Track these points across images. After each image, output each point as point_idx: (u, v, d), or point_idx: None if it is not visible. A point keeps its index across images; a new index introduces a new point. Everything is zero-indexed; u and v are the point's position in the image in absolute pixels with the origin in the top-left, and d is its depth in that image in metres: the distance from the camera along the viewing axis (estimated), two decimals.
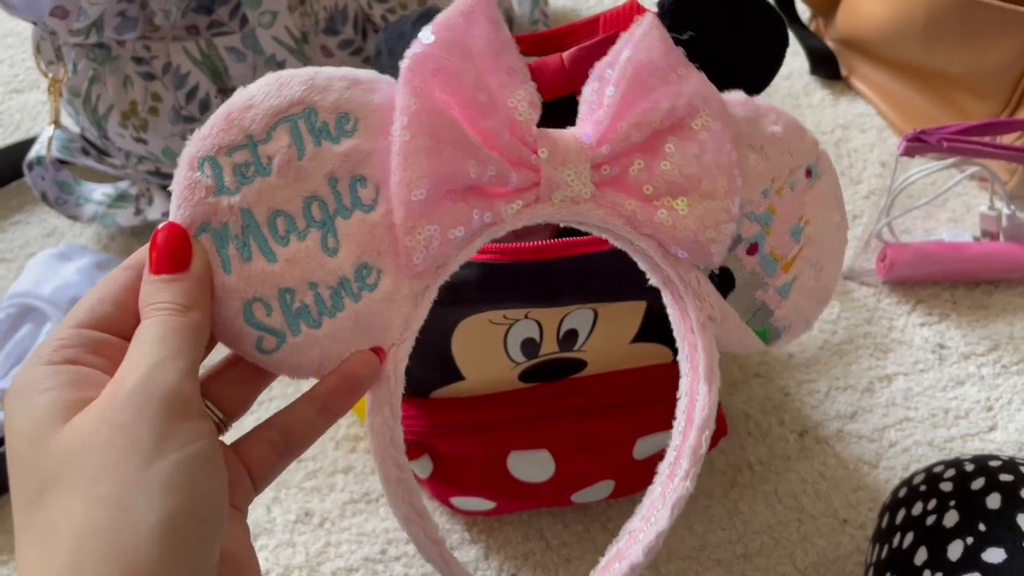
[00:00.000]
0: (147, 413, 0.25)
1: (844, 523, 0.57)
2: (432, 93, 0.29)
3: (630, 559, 0.33)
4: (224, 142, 0.29)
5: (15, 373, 0.62)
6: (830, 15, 0.85)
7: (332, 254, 0.29)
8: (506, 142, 0.30)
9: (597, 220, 0.32)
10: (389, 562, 0.56)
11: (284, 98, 0.29)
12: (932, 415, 0.62)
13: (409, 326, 0.31)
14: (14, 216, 0.76)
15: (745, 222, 0.34)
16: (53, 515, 0.24)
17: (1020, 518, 0.42)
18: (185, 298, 0.27)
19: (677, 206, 0.31)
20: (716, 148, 0.31)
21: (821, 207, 0.35)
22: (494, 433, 0.48)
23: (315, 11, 0.64)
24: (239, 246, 0.29)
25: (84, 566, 0.23)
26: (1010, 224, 0.67)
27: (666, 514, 0.33)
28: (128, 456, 0.24)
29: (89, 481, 0.24)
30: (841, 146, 0.79)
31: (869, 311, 0.68)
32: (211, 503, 0.25)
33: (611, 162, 0.31)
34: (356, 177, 0.29)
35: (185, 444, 0.25)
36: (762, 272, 0.34)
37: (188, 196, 0.29)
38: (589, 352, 0.47)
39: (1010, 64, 0.67)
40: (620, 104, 0.31)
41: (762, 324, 0.35)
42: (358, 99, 0.29)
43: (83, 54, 0.63)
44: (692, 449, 0.34)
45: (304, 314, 0.30)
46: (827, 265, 0.36)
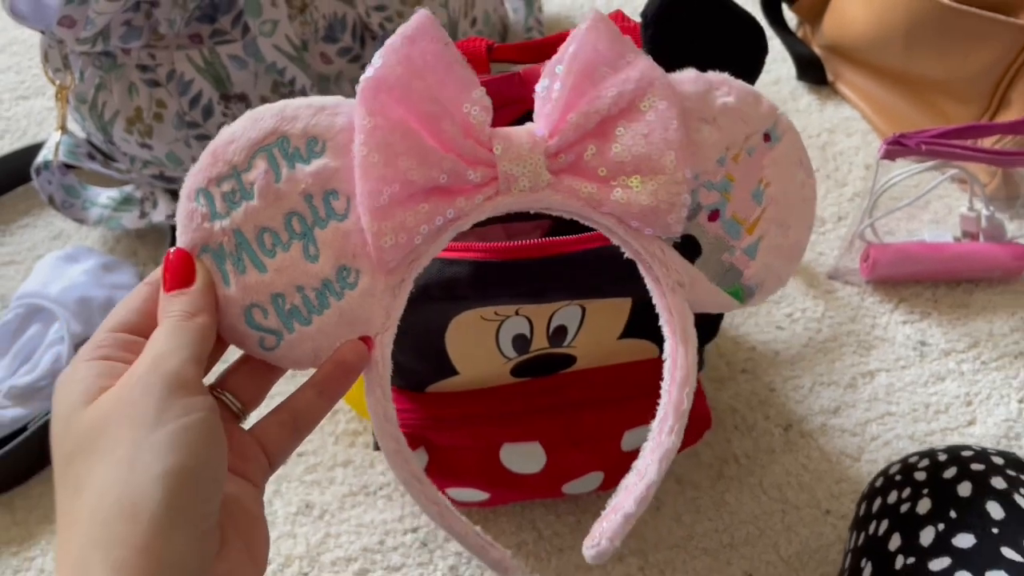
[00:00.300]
0: (153, 391, 0.30)
1: (827, 513, 0.59)
2: (387, 110, 0.32)
3: (623, 510, 0.35)
4: (212, 174, 0.34)
5: (24, 370, 0.64)
6: (816, 22, 0.87)
7: (314, 260, 0.34)
8: (462, 144, 0.33)
9: (556, 205, 0.34)
10: (387, 552, 0.58)
11: (259, 130, 0.34)
12: (913, 410, 0.64)
13: (390, 316, 0.35)
14: (22, 220, 0.78)
15: (703, 191, 0.36)
16: (79, 475, 0.29)
17: (990, 505, 0.44)
18: (191, 307, 0.33)
19: (631, 184, 0.34)
20: (663, 126, 0.33)
21: (782, 168, 0.37)
22: (487, 426, 0.50)
23: (315, 20, 0.66)
24: (234, 261, 0.34)
25: (102, 511, 0.28)
26: (989, 225, 0.69)
27: (655, 467, 0.35)
28: (136, 425, 0.29)
29: (106, 446, 0.29)
30: (827, 149, 0.81)
31: (853, 310, 0.70)
32: (206, 462, 0.30)
33: (565, 151, 0.34)
34: (328, 191, 0.33)
35: (183, 415, 0.30)
36: (726, 236, 0.36)
37: (188, 223, 0.34)
38: (578, 348, 0.49)
39: (988, 70, 0.69)
40: (569, 97, 0.33)
41: (733, 284, 0.37)
42: (324, 123, 0.34)
43: (89, 62, 0.65)
44: (675, 406, 0.36)
45: (296, 314, 0.34)
46: (794, 223, 0.37)
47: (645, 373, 0.51)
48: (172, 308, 0.32)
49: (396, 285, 0.34)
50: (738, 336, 0.68)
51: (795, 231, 0.38)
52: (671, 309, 0.36)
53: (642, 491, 0.36)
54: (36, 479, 0.62)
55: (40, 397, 0.64)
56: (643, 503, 0.36)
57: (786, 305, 0.70)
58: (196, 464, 0.29)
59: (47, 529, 0.60)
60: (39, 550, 0.59)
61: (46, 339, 0.66)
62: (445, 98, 0.33)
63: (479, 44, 0.45)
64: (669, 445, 0.36)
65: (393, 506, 0.60)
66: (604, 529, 0.36)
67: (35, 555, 0.59)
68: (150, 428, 0.29)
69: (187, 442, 0.29)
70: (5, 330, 0.66)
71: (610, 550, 0.35)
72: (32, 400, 0.64)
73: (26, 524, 0.60)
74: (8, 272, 0.74)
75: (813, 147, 0.81)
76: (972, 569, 0.42)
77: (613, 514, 0.36)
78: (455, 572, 0.57)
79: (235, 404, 0.35)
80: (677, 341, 0.36)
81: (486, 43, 0.45)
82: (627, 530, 0.36)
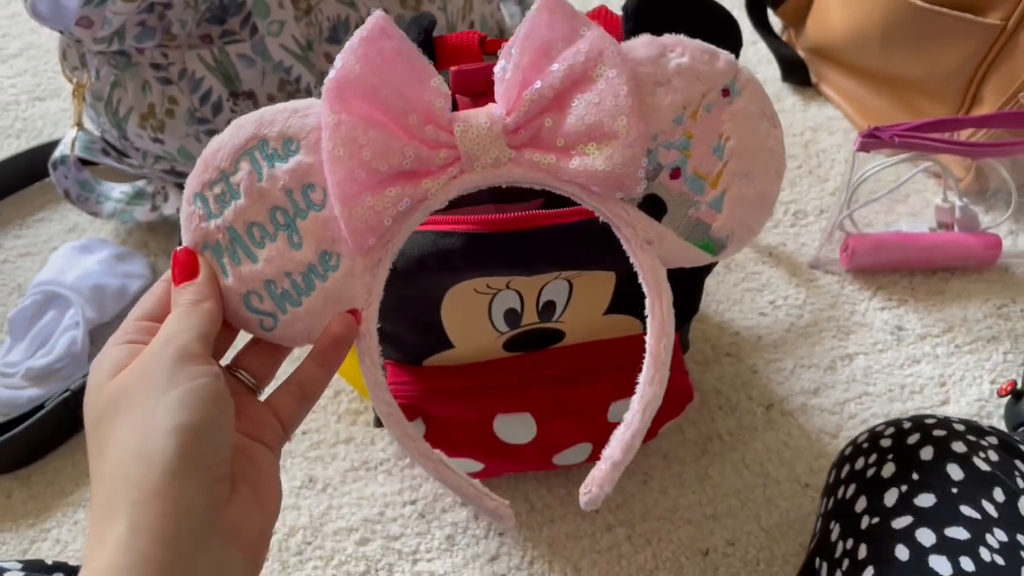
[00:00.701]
0: (164, 362, 0.34)
1: (806, 487, 0.62)
2: (349, 107, 0.35)
3: (612, 458, 0.38)
4: (205, 180, 0.38)
5: (41, 353, 0.67)
6: (800, 26, 0.91)
7: (298, 248, 0.37)
8: (424, 130, 0.36)
9: (520, 177, 0.37)
10: (386, 523, 0.61)
11: (241, 137, 0.37)
12: (889, 390, 0.67)
13: (372, 292, 0.38)
14: (38, 213, 0.81)
15: (662, 150, 0.38)
16: (105, 435, 0.34)
17: (950, 467, 0.47)
18: (197, 295, 0.37)
19: (589, 151, 0.36)
20: (613, 93, 0.36)
21: (743, 121, 0.38)
22: (481, 398, 0.53)
23: (319, 21, 0.70)
24: (230, 255, 0.38)
25: (123, 463, 0.33)
26: (963, 216, 0.73)
27: (639, 416, 0.38)
28: (150, 390, 0.34)
29: (126, 409, 0.34)
30: (810, 147, 0.84)
31: (833, 297, 0.73)
32: (212, 419, 0.34)
33: (524, 126, 0.36)
34: (306, 185, 0.37)
35: (190, 380, 0.34)
36: (690, 192, 0.38)
37: (188, 225, 0.38)
38: (566, 323, 0.52)
39: (961, 67, 0.73)
40: (524, 75, 0.36)
41: (703, 238, 0.39)
42: (297, 124, 0.37)
43: (105, 61, 0.69)
44: (654, 357, 0.38)
45: (287, 297, 0.38)
46: (758, 173, 0.39)
47: (629, 348, 0.54)
48: (181, 297, 0.37)
49: (374, 265, 0.38)
50: (723, 321, 0.71)
51: (760, 181, 0.39)
52: (642, 266, 0.38)
53: (628, 439, 0.38)
54: (52, 456, 0.65)
55: (56, 378, 0.67)
56: (629, 451, 0.38)
57: (769, 293, 0.73)
58: (203, 420, 0.33)
59: (62, 503, 0.63)
60: (55, 522, 0.62)
61: (62, 324, 0.69)
62: (404, 90, 0.36)
63: (472, 36, 0.49)
64: (651, 395, 0.38)
65: (392, 480, 0.63)
66: (595, 477, 0.38)
67: (51, 527, 0.62)
68: (162, 391, 0.33)
69: (195, 402, 0.33)
70: (23, 315, 0.69)
71: (601, 496, 0.38)
72: (48, 381, 0.67)
73: (43, 498, 0.63)
74: (25, 263, 0.77)
75: (797, 145, 0.84)
76: (932, 527, 0.44)
77: (603, 463, 0.39)
78: (451, 541, 0.60)
79: (250, 380, 0.39)
80: (652, 296, 0.38)
81: (479, 36, 0.49)
82: (616, 477, 0.38)
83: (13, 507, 0.63)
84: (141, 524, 0.31)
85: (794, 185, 0.81)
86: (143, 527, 0.31)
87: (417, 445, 0.39)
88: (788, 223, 0.78)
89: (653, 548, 0.59)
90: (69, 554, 0.60)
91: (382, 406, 0.38)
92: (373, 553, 0.59)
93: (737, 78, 0.38)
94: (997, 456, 0.48)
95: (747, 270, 0.75)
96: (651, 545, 0.59)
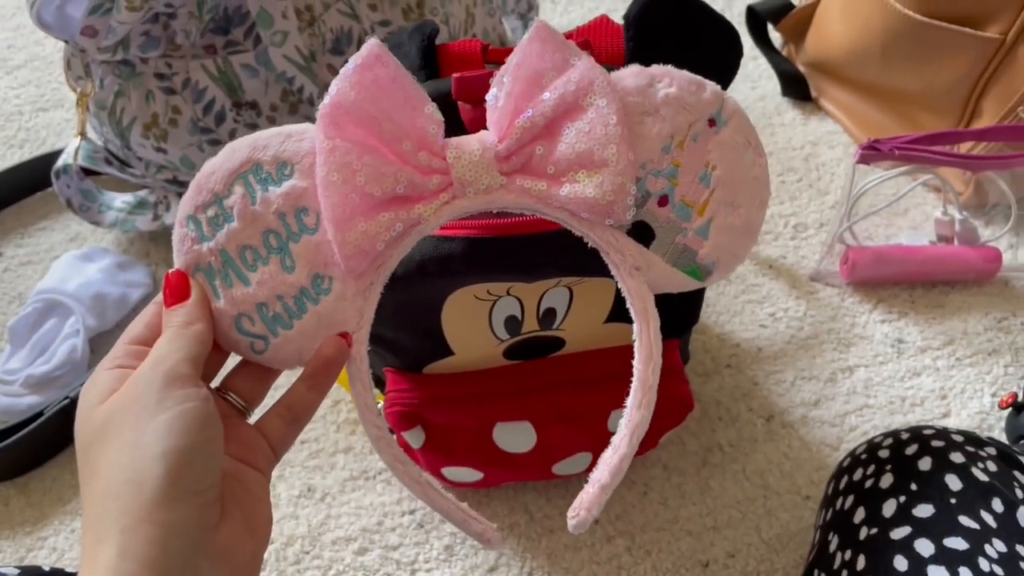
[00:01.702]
0: (152, 385, 0.34)
1: (806, 499, 0.62)
2: (343, 132, 0.36)
3: (600, 482, 0.38)
4: (198, 202, 0.38)
5: (41, 361, 0.67)
6: (800, 41, 0.91)
7: (290, 271, 0.37)
8: (417, 156, 0.36)
9: (511, 203, 0.38)
10: (385, 532, 0.60)
11: (235, 160, 0.37)
12: (890, 402, 0.67)
13: (364, 316, 0.38)
14: (40, 223, 0.82)
15: (651, 178, 0.38)
16: (95, 460, 0.34)
17: (948, 478, 0.47)
18: (187, 317, 0.37)
19: (579, 179, 0.36)
20: (603, 122, 0.36)
21: (728, 150, 0.39)
22: (481, 406, 0.53)
23: (322, 33, 0.70)
24: (223, 277, 0.38)
25: (113, 487, 0.33)
26: (963, 229, 0.73)
27: (627, 440, 0.38)
28: (139, 414, 0.34)
29: (115, 434, 0.34)
30: (810, 160, 0.85)
31: (833, 309, 0.73)
32: (201, 443, 0.34)
33: (515, 153, 0.37)
34: (299, 209, 0.37)
35: (180, 403, 0.34)
36: (678, 219, 0.39)
37: (181, 247, 0.38)
38: (567, 331, 0.52)
39: (960, 81, 0.73)
40: (516, 103, 0.37)
41: (690, 264, 0.39)
42: (291, 148, 0.37)
43: (109, 70, 0.69)
44: (641, 381, 0.39)
45: (278, 320, 0.38)
46: (744, 202, 0.39)
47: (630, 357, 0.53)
48: (172, 319, 0.37)
49: (366, 288, 0.38)
50: (723, 333, 0.71)
51: (745, 209, 0.40)
52: (630, 292, 0.39)
53: (616, 463, 0.38)
54: (50, 464, 0.65)
55: (56, 386, 0.67)
56: (617, 475, 0.38)
57: (769, 305, 0.73)
58: (192, 444, 0.33)
59: (60, 511, 0.63)
60: (52, 530, 0.62)
61: (62, 332, 0.69)
62: (398, 116, 0.36)
63: (474, 45, 0.49)
64: (639, 419, 0.38)
65: (391, 490, 0.62)
66: (583, 500, 0.38)
67: (48, 535, 0.61)
68: (151, 415, 0.33)
69: (183, 426, 0.33)
70: (24, 323, 0.69)
71: (588, 519, 0.38)
72: (48, 389, 0.67)
73: (40, 506, 0.63)
74: (27, 271, 0.77)
75: (797, 159, 0.85)
76: (931, 537, 0.44)
77: (591, 487, 0.39)
78: (450, 551, 0.60)
79: (239, 403, 0.39)
80: (639, 321, 0.39)
81: (481, 44, 0.49)
82: (603, 500, 0.38)
83: (11, 515, 0.63)
84: (130, 550, 0.31)
85: (794, 198, 0.81)
86: (132, 553, 0.31)
87: (407, 469, 0.39)
88: (788, 236, 0.78)
89: (653, 559, 0.59)
90: (66, 562, 0.60)
91: (372, 430, 0.39)
92: (371, 563, 0.59)
93: (723, 108, 0.39)
94: (996, 467, 0.48)
95: (747, 282, 0.75)
96: (651, 556, 0.59)
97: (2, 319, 0.74)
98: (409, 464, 0.39)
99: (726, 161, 0.39)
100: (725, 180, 0.39)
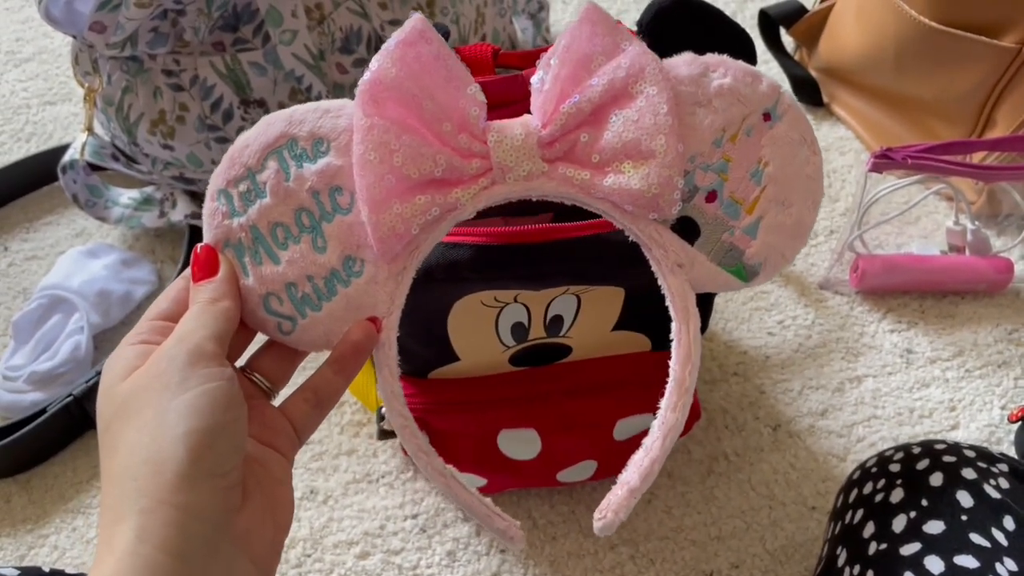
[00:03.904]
0: (176, 363, 0.33)
1: (812, 510, 0.61)
2: (382, 110, 0.35)
3: (629, 484, 0.37)
4: (231, 176, 0.37)
5: (44, 357, 0.67)
6: (812, 45, 0.90)
7: (321, 252, 0.36)
8: (457, 138, 0.35)
9: (551, 191, 0.36)
10: (387, 536, 0.60)
11: (270, 135, 0.36)
12: (898, 414, 0.66)
13: (395, 301, 0.37)
14: (46, 217, 0.81)
15: (699, 172, 0.37)
16: (114, 438, 0.33)
17: (960, 494, 0.46)
18: (214, 293, 0.36)
19: (624, 169, 0.35)
20: (652, 111, 0.35)
21: (783, 147, 0.37)
22: (486, 412, 0.53)
23: (332, 31, 0.69)
24: (252, 254, 0.37)
25: (132, 467, 0.32)
26: (975, 239, 0.72)
27: (659, 443, 0.37)
28: (161, 392, 0.32)
29: (136, 412, 0.33)
30: None
31: (842, 318, 0.72)
32: (224, 424, 0.33)
33: (559, 139, 0.36)
34: (333, 188, 0.36)
35: (204, 382, 0.33)
36: (725, 216, 0.37)
37: (211, 221, 0.37)
38: (574, 338, 0.52)
39: (975, 90, 0.72)
40: (563, 87, 0.35)
41: (735, 264, 0.38)
42: (328, 125, 0.36)
43: (117, 66, 0.69)
44: (678, 383, 0.37)
45: (307, 301, 0.37)
46: (796, 201, 0.38)
47: (637, 365, 0.53)
48: (199, 295, 0.36)
49: (399, 273, 0.37)
50: (730, 341, 0.71)
51: (797, 209, 0.38)
52: (671, 289, 0.37)
53: (647, 466, 0.37)
54: (53, 461, 0.65)
55: (59, 383, 0.67)
56: (648, 478, 0.37)
57: (777, 312, 0.72)
58: (215, 425, 0.32)
59: (62, 509, 0.62)
60: (53, 528, 0.61)
61: (66, 328, 0.69)
62: (440, 95, 0.35)
63: (485, 49, 0.48)
64: (673, 422, 0.38)
65: (394, 493, 0.62)
66: (610, 502, 0.38)
67: (49, 533, 0.61)
68: (173, 394, 0.32)
69: (207, 406, 0.32)
70: (28, 319, 0.69)
71: (616, 522, 0.37)
72: (51, 385, 0.66)
73: (42, 504, 0.63)
74: (31, 267, 0.77)
75: None
76: (941, 554, 0.44)
77: (619, 488, 0.38)
78: (453, 557, 0.59)
79: (264, 383, 0.39)
80: (679, 320, 0.37)
81: (492, 48, 0.49)
82: (632, 504, 0.37)
83: (12, 512, 0.62)
84: (148, 532, 0.30)
85: None
86: (150, 535, 0.30)
87: (430, 460, 0.38)
88: None
89: (656, 569, 0.58)
90: (67, 560, 0.60)
91: (397, 419, 0.38)
92: (373, 567, 0.59)
93: (779, 103, 0.38)
94: (1008, 484, 0.47)
95: (755, 289, 0.74)
96: (654, 566, 0.58)
97: (6, 314, 0.74)
98: (433, 455, 0.39)
99: (779, 157, 0.37)
100: (777, 177, 0.37)
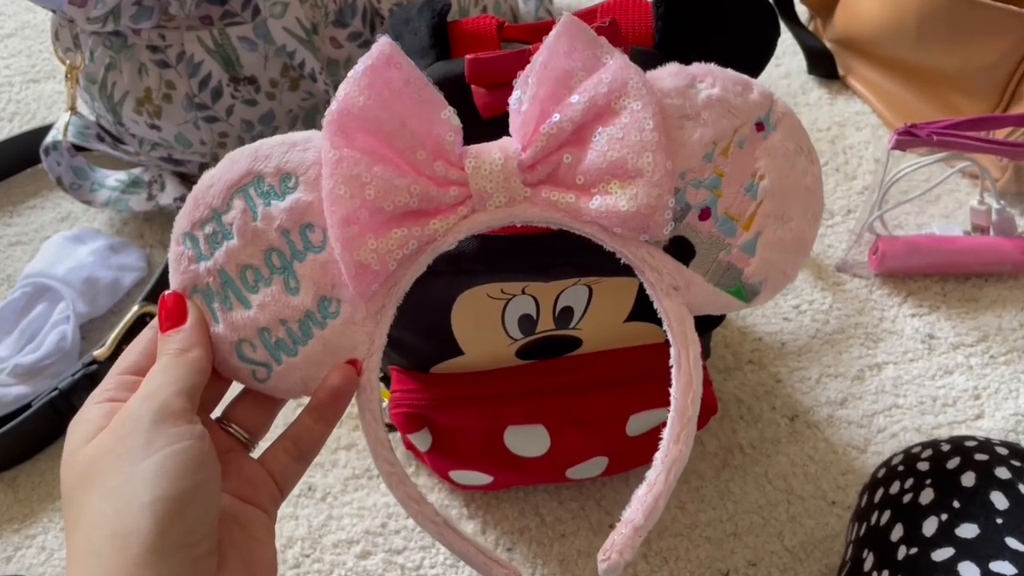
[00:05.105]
0: (141, 424, 0.31)
1: (832, 504, 0.58)
2: (352, 141, 0.32)
3: (633, 523, 0.35)
4: (195, 218, 0.35)
5: (29, 349, 0.64)
6: (828, 16, 0.87)
7: (295, 293, 0.34)
8: (432, 166, 0.33)
9: (536, 217, 0.34)
10: (389, 535, 0.58)
11: (235, 172, 0.35)
12: (920, 403, 0.63)
13: (374, 342, 0.35)
14: (30, 201, 0.78)
15: (691, 189, 0.35)
16: (77, 509, 0.31)
17: (994, 495, 0.44)
18: (183, 343, 0.34)
19: (611, 190, 0.33)
20: (637, 128, 0.32)
21: (779, 158, 0.35)
22: (491, 407, 0.50)
23: (325, 3, 0.66)
24: (221, 300, 0.35)
25: (96, 541, 0.29)
26: (999, 219, 0.69)
27: (662, 478, 0.35)
28: (126, 457, 0.30)
29: (100, 480, 0.31)
30: (837, 143, 0.81)
31: (861, 302, 0.69)
32: (195, 489, 0.30)
33: (540, 162, 0.33)
34: (304, 225, 0.34)
35: (171, 443, 0.31)
36: (721, 234, 0.35)
37: (177, 267, 0.35)
38: (584, 330, 0.49)
39: (1000, 63, 0.69)
40: (541, 106, 0.33)
41: (734, 284, 0.36)
42: (295, 159, 0.34)
43: (100, 42, 0.65)
44: (679, 412, 0.35)
45: (282, 346, 0.35)
46: (795, 215, 0.36)
47: (652, 357, 0.50)
48: (167, 346, 0.34)
49: (377, 311, 0.35)
50: (744, 327, 0.68)
51: (797, 223, 0.36)
52: (668, 314, 0.35)
53: (651, 503, 0.35)
54: (39, 457, 0.62)
55: (45, 376, 0.64)
56: (653, 515, 0.35)
57: (793, 297, 0.69)
58: (184, 491, 0.30)
59: (49, 507, 0.60)
60: (40, 528, 0.59)
61: (52, 318, 0.66)
62: (412, 122, 0.33)
63: (489, 22, 0.45)
64: (676, 455, 0.35)
65: None
66: (615, 543, 0.35)
67: (36, 532, 0.59)
68: (138, 458, 0.30)
69: (174, 469, 0.30)
70: (11, 308, 0.66)
71: (621, 563, 0.35)
72: (36, 378, 0.64)
73: (28, 502, 0.60)
74: (15, 253, 0.74)
75: (823, 141, 0.81)
76: (976, 559, 0.41)
77: (624, 527, 0.36)
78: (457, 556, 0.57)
79: (242, 435, 0.37)
80: (678, 346, 0.35)
81: (496, 21, 0.45)
82: (638, 543, 0.35)
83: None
84: None
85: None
86: None
87: (422, 508, 0.36)
88: None
89: (670, 568, 0.56)
90: (55, 562, 0.57)
91: (384, 465, 0.36)
92: (375, 567, 0.56)
93: (772, 111, 0.35)
94: None
95: None
96: (668, 564, 0.56)
97: None
98: (424, 503, 0.37)
99: (775, 170, 0.35)
100: (774, 191, 0.35)
